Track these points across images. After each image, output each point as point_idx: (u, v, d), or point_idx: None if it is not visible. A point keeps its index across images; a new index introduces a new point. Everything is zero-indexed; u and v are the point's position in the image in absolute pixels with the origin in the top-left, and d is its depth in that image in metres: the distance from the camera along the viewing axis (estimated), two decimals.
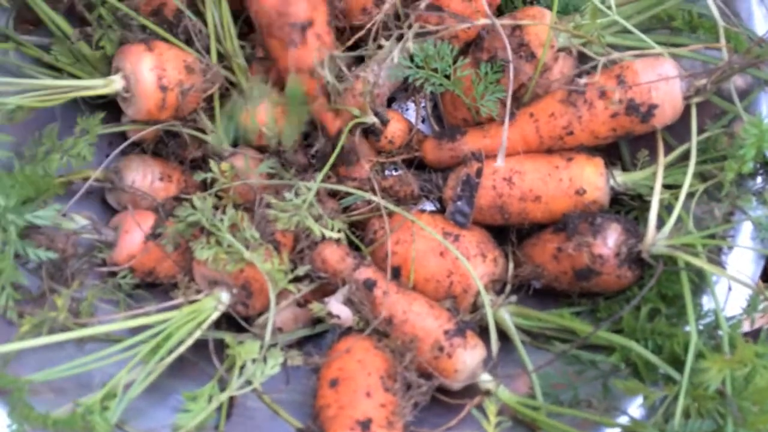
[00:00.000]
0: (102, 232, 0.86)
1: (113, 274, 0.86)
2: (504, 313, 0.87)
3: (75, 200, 0.85)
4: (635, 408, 0.78)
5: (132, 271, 0.86)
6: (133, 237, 0.86)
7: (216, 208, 0.83)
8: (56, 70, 0.92)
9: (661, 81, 0.80)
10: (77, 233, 0.83)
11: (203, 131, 0.90)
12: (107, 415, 0.66)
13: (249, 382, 0.75)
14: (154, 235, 0.85)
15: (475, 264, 0.87)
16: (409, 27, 0.86)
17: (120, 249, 0.86)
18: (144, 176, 0.92)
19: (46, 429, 0.66)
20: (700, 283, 0.81)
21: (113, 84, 0.84)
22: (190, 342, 0.76)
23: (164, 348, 0.73)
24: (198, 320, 0.77)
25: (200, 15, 0.89)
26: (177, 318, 0.75)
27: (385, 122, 0.95)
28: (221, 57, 0.90)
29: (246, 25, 0.93)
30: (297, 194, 0.84)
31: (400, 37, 0.89)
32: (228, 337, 0.81)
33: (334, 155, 0.88)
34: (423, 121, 1.06)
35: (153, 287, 0.91)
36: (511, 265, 0.91)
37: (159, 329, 0.74)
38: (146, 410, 0.80)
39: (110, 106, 0.92)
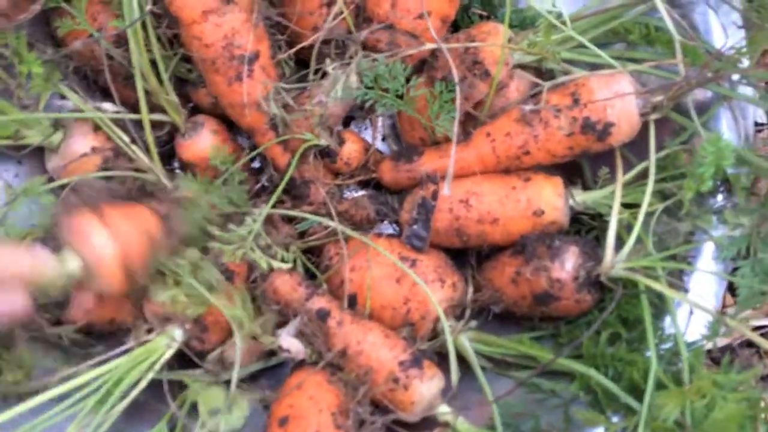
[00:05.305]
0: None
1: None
2: (464, 339, 0.85)
3: None
4: None
5: (90, 325, 0.81)
6: (83, 292, 0.80)
7: None
8: None
9: (617, 98, 0.78)
10: None
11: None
12: None
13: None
14: None
15: (434, 289, 0.84)
16: (362, 47, 0.83)
17: (75, 306, 0.80)
18: None
19: None
20: (662, 305, 0.79)
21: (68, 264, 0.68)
22: (143, 385, 0.72)
23: (114, 395, 0.70)
24: (150, 360, 0.74)
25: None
26: (125, 362, 0.72)
27: (340, 143, 0.93)
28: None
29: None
30: (243, 224, 0.81)
31: (350, 58, 0.86)
32: (186, 378, 0.78)
33: (281, 186, 0.86)
34: (383, 139, 1.04)
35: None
36: (470, 290, 0.89)
37: (108, 377, 0.71)
38: None
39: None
